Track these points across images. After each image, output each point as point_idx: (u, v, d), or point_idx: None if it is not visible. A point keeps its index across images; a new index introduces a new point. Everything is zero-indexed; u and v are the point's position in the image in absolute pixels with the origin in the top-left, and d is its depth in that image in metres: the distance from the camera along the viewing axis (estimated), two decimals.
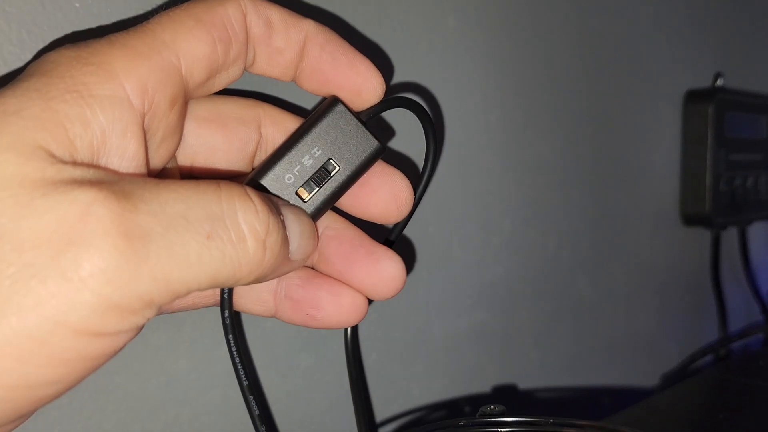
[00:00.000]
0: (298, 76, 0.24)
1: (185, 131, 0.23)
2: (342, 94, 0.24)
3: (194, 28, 0.20)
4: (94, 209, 0.16)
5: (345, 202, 0.26)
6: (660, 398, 0.40)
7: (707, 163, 0.55)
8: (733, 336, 0.55)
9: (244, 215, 0.19)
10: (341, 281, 0.25)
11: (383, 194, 0.25)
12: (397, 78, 0.36)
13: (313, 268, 0.26)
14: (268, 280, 0.21)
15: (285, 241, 0.20)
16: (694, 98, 0.56)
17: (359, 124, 0.24)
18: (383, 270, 0.25)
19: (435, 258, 0.38)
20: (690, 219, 0.56)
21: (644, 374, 0.54)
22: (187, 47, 0.20)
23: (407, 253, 0.37)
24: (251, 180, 0.23)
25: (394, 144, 0.36)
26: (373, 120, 0.25)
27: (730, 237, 0.62)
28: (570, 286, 0.47)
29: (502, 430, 0.27)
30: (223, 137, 0.24)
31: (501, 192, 0.42)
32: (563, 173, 0.46)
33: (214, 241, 0.18)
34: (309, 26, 0.23)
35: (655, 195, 0.55)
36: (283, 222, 0.21)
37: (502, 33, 0.41)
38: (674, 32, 0.55)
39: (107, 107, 0.18)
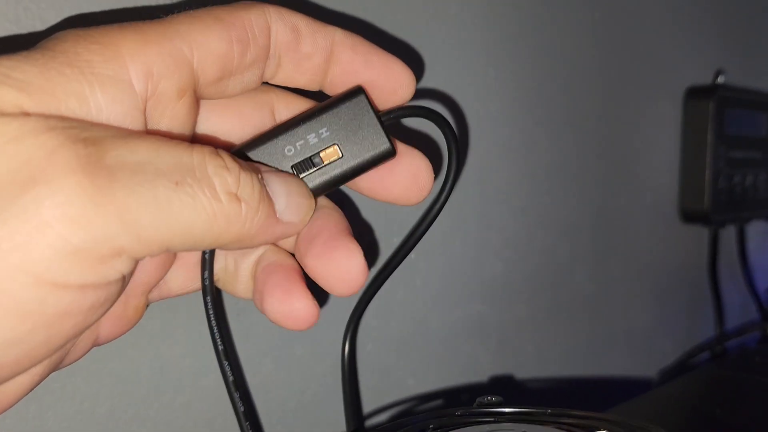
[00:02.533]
0: (329, 82, 0.23)
1: (198, 119, 0.22)
2: (375, 93, 0.23)
3: (212, 25, 0.20)
4: (60, 152, 0.16)
5: (361, 185, 0.24)
6: (657, 392, 0.40)
7: (707, 160, 0.55)
8: (729, 333, 0.55)
9: (214, 168, 0.18)
10: (298, 279, 0.23)
11: (402, 174, 0.24)
12: None
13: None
14: (262, 241, 0.20)
15: (264, 197, 0.20)
16: (694, 95, 0.56)
17: (376, 120, 0.23)
18: (337, 262, 0.22)
19: (433, 249, 0.38)
20: (689, 216, 0.56)
21: (641, 370, 0.54)
22: (202, 40, 0.20)
23: None
24: (242, 145, 0.23)
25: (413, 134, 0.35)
26: (392, 121, 0.24)
27: (728, 235, 0.62)
28: (568, 280, 0.47)
29: (499, 420, 0.27)
30: (237, 123, 0.23)
31: (500, 186, 0.41)
32: (563, 168, 0.46)
33: (184, 188, 0.17)
34: (336, 32, 0.23)
35: (654, 191, 0.54)
36: (261, 180, 0.20)
37: (503, 27, 0.41)
38: (676, 29, 0.55)
39: (108, 87, 0.18)
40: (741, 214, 0.59)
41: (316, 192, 0.23)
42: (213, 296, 0.23)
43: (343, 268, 0.22)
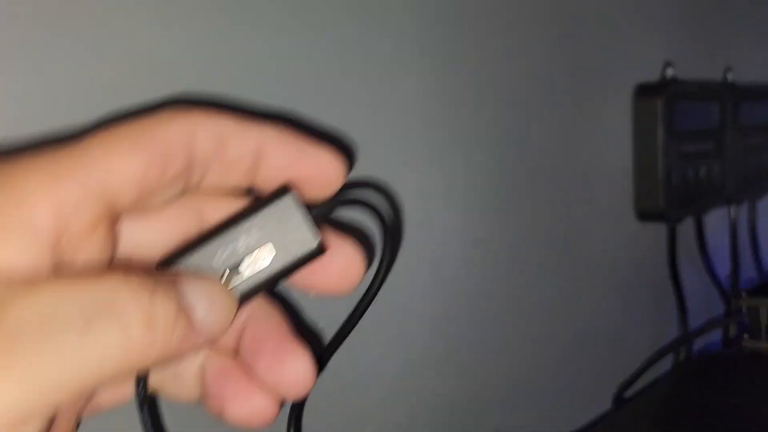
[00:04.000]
0: (259, 181, 0.23)
1: (122, 233, 0.22)
2: (306, 187, 0.23)
3: (128, 147, 0.19)
4: None
5: (293, 280, 0.24)
6: (618, 416, 0.40)
7: (659, 158, 0.55)
8: (691, 333, 0.55)
9: (124, 297, 0.18)
10: (251, 379, 0.23)
11: (333, 269, 0.24)
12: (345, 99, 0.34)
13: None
14: (185, 354, 0.20)
15: (180, 312, 0.19)
16: (643, 92, 0.55)
17: (305, 218, 0.23)
18: (287, 368, 0.23)
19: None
20: (645, 215, 0.56)
21: (610, 372, 0.54)
22: (117, 167, 0.19)
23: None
24: (168, 255, 0.22)
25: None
26: (324, 216, 0.24)
27: (686, 227, 0.62)
28: (526, 288, 0.46)
29: None
30: (163, 231, 0.23)
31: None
32: (513, 173, 0.45)
33: (92, 328, 0.17)
34: (263, 130, 0.22)
35: (608, 192, 0.54)
36: (176, 292, 0.19)
37: (449, 29, 0.40)
38: (623, 22, 0.55)
39: (14, 238, 0.18)
40: (697, 207, 0.59)
41: (248, 295, 0.22)
42: (150, 411, 0.23)
43: (295, 375, 0.23)
